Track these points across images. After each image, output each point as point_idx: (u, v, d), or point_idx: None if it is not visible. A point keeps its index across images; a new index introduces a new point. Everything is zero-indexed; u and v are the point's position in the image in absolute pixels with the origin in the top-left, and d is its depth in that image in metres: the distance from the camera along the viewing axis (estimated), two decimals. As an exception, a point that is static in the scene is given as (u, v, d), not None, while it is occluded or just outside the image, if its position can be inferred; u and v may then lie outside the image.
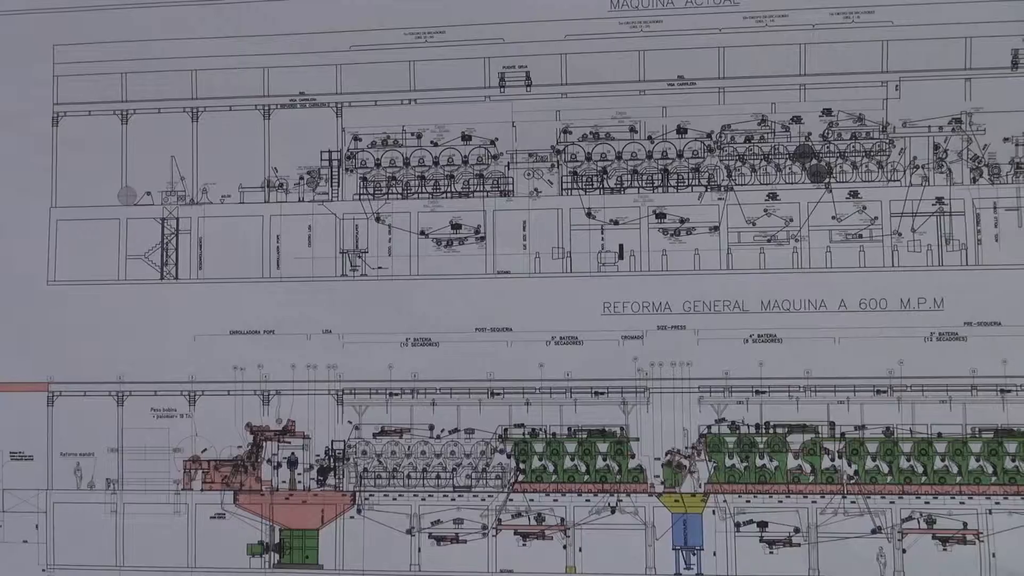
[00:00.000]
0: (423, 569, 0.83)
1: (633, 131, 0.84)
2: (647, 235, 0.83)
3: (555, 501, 0.83)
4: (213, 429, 0.85)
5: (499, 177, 0.85)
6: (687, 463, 0.82)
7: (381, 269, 0.85)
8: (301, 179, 0.86)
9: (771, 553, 0.81)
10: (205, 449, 0.85)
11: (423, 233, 0.85)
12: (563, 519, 0.83)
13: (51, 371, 0.86)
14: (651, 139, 0.84)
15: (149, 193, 0.87)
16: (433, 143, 0.85)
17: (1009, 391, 0.80)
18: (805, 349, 0.81)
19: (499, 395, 0.83)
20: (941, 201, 0.81)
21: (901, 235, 0.81)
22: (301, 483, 0.85)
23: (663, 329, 0.82)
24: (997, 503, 0.80)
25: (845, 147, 0.82)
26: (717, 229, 0.83)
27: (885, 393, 0.80)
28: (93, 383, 0.86)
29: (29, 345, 0.87)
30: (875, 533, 0.80)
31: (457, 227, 0.85)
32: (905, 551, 0.80)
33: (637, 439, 0.82)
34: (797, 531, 0.81)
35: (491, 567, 0.83)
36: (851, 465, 0.81)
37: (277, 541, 0.85)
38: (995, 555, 0.79)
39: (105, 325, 0.86)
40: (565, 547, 0.82)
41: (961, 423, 0.80)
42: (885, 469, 0.81)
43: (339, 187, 0.86)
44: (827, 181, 0.82)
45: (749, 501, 0.81)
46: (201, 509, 0.85)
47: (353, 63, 0.86)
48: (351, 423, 0.84)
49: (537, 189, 0.84)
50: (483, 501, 0.83)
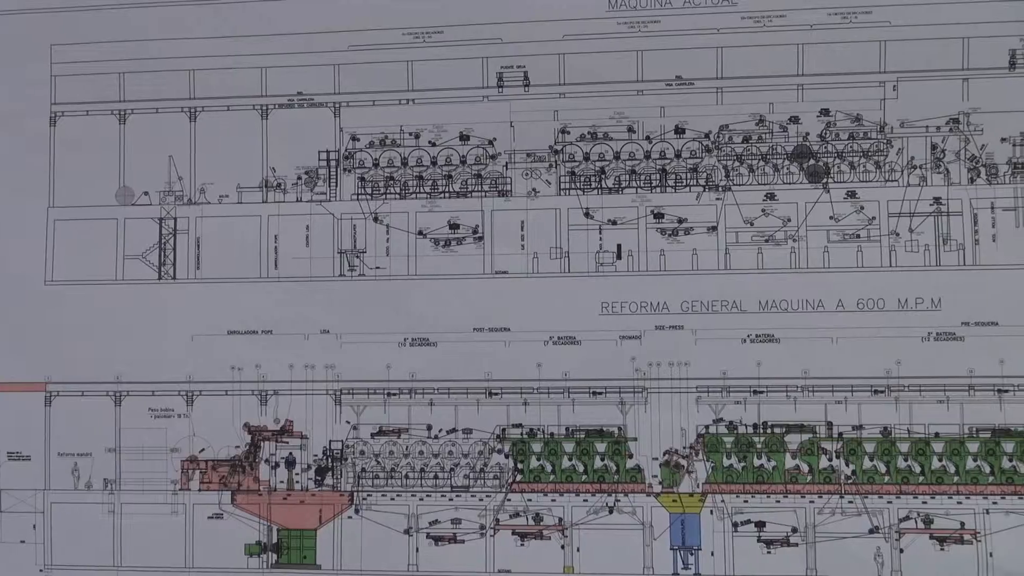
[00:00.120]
0: (421, 569, 0.83)
1: (631, 131, 0.84)
2: (645, 235, 0.83)
3: (553, 501, 0.83)
4: (211, 429, 0.85)
5: (497, 177, 0.85)
6: (685, 463, 0.82)
7: (379, 269, 0.85)
8: (299, 179, 0.86)
9: (769, 553, 0.81)
10: (203, 449, 0.85)
11: (421, 233, 0.85)
12: (561, 519, 0.83)
13: (48, 371, 0.86)
14: (649, 139, 0.84)
15: (147, 193, 0.87)
16: (431, 143, 0.85)
17: (1006, 391, 0.80)
18: (803, 349, 0.81)
19: (497, 395, 0.83)
20: (939, 201, 0.81)
21: (899, 235, 0.81)
22: (299, 483, 0.85)
23: (661, 329, 0.82)
24: (994, 503, 0.80)
25: (843, 147, 0.82)
26: (715, 229, 0.83)
27: (883, 393, 0.81)
28: (91, 383, 0.86)
29: (26, 345, 0.87)
30: (873, 533, 0.80)
31: (455, 227, 0.85)
32: (903, 551, 0.80)
33: (635, 439, 0.82)
34: (795, 531, 0.81)
35: (489, 567, 0.83)
36: (849, 465, 0.81)
37: (275, 541, 0.84)
38: (992, 555, 0.79)
39: (103, 325, 0.86)
40: (563, 547, 0.82)
41: (958, 423, 0.80)
42: (883, 469, 0.81)
43: (337, 187, 0.86)
44: (825, 181, 0.82)
45: (747, 501, 0.81)
46: (199, 509, 0.85)
47: (351, 63, 0.86)
48: (349, 423, 0.84)
49: (535, 189, 0.84)
50: (481, 501, 0.83)
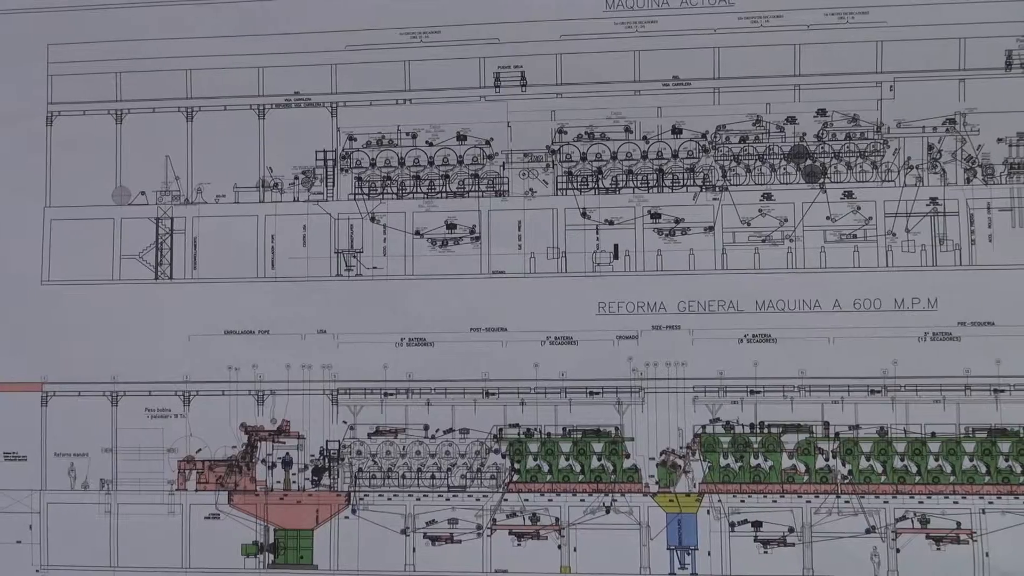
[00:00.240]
0: (418, 569, 0.83)
1: (628, 131, 0.84)
2: (642, 235, 0.83)
3: (550, 501, 0.83)
4: (207, 429, 0.85)
5: (494, 177, 0.85)
6: (682, 463, 0.82)
7: (376, 269, 0.85)
8: (296, 179, 0.86)
9: (765, 553, 0.81)
10: (199, 449, 0.85)
11: (418, 233, 0.85)
12: (558, 519, 0.83)
13: (45, 371, 0.86)
14: (646, 139, 0.84)
15: (143, 193, 0.87)
16: (428, 143, 0.85)
17: (1002, 391, 0.80)
18: (799, 349, 0.81)
19: (494, 395, 0.83)
20: (935, 201, 0.82)
21: (895, 235, 0.82)
22: (296, 483, 0.85)
23: (658, 329, 0.82)
24: (990, 503, 0.80)
25: (839, 147, 0.82)
26: (712, 229, 0.83)
27: (879, 393, 0.81)
28: (87, 383, 0.86)
29: (23, 345, 0.86)
30: (869, 533, 0.80)
31: (452, 227, 0.85)
32: (899, 551, 0.80)
33: (632, 439, 0.82)
34: (791, 531, 0.81)
35: (486, 567, 0.83)
36: (845, 465, 0.81)
37: (272, 541, 0.84)
38: (988, 554, 0.79)
39: (99, 325, 0.86)
40: (560, 547, 0.82)
41: (955, 423, 0.80)
42: (879, 469, 0.81)
43: (334, 187, 0.86)
44: (821, 181, 0.82)
45: (744, 501, 0.81)
46: (195, 509, 0.85)
47: (348, 63, 0.86)
48: (346, 423, 0.84)
49: (532, 189, 0.84)
50: (478, 501, 0.83)
